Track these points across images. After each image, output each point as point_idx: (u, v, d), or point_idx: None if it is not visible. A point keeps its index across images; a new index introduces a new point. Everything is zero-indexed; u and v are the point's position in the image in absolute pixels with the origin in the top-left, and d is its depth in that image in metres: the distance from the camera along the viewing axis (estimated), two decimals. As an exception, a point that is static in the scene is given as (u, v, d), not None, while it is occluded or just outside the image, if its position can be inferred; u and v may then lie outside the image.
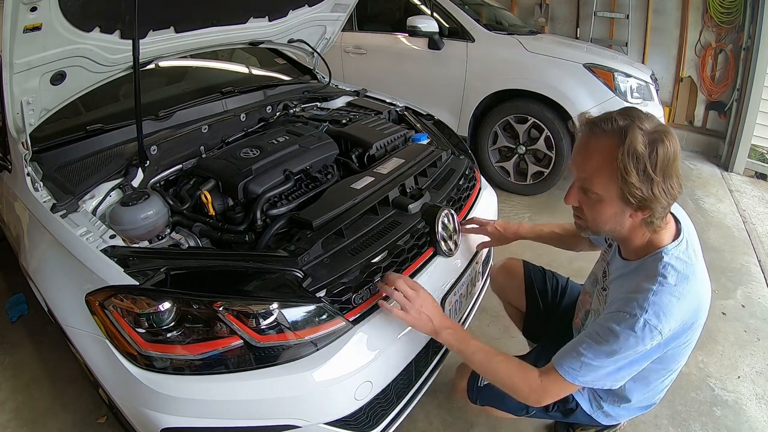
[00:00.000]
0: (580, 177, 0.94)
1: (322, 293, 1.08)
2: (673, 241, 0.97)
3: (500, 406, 1.26)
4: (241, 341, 1.01)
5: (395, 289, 1.08)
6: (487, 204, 1.71)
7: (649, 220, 0.92)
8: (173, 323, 1.01)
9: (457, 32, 3.19)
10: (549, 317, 1.44)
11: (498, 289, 1.60)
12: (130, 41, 1.33)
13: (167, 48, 1.66)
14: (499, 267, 1.56)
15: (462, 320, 1.53)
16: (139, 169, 1.41)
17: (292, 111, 2.01)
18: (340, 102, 2.22)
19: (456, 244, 1.39)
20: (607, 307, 1.01)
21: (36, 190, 1.28)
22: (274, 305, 1.02)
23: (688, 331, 0.97)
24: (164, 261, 1.09)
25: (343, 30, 2.40)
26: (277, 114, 1.95)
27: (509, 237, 1.46)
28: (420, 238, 1.31)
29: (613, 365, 0.95)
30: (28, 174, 1.30)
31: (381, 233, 1.25)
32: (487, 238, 1.50)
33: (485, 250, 1.63)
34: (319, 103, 2.18)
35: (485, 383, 1.25)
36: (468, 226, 1.49)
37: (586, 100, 2.82)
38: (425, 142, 1.78)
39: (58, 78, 1.33)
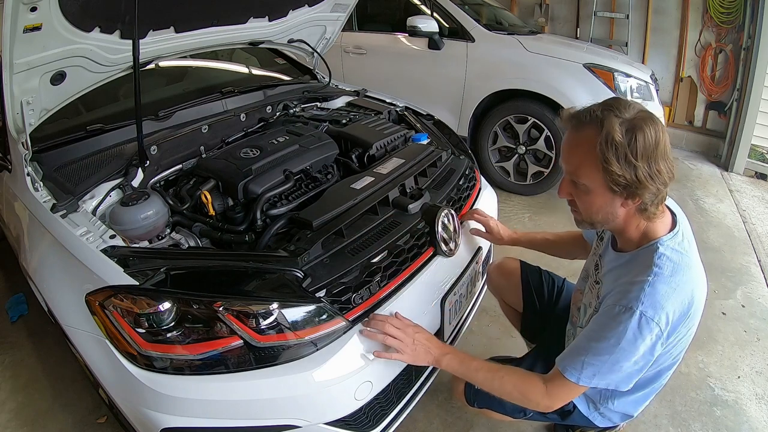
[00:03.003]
0: (567, 170, 0.96)
1: (322, 293, 1.08)
2: (669, 232, 0.97)
3: (498, 409, 1.25)
4: (241, 341, 1.01)
5: (385, 333, 1.07)
6: (487, 204, 1.71)
7: (642, 208, 0.92)
8: (173, 323, 1.01)
9: (457, 32, 3.19)
10: (546, 317, 1.44)
11: (494, 288, 1.59)
12: (130, 41, 1.33)
13: (167, 48, 1.66)
14: (495, 266, 1.56)
15: (462, 320, 1.53)
16: (139, 169, 1.41)
17: (292, 111, 2.01)
18: (340, 102, 2.22)
19: (456, 244, 1.39)
20: (601, 300, 1.01)
21: (36, 190, 1.28)
22: (274, 305, 1.02)
23: (684, 323, 0.95)
24: (164, 261, 1.09)
25: (343, 30, 2.40)
26: (277, 114, 1.95)
27: (505, 239, 1.48)
28: (420, 238, 1.31)
29: (617, 363, 0.93)
30: (28, 174, 1.30)
31: (381, 233, 1.25)
32: (482, 228, 1.50)
33: (485, 251, 1.63)
34: (319, 103, 2.18)
35: None
36: (472, 224, 1.50)
37: (586, 100, 2.79)
38: (425, 142, 1.78)
39: (58, 78, 1.33)
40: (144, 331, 1.01)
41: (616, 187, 0.88)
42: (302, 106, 2.09)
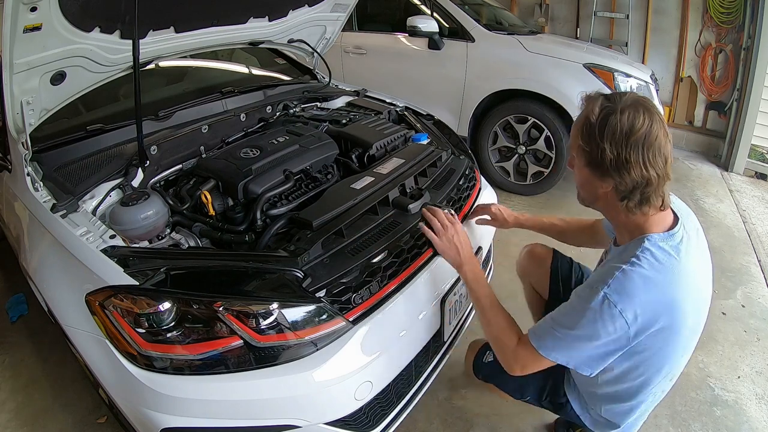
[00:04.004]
0: (568, 145, 1.02)
1: (322, 293, 1.08)
2: (665, 232, 0.96)
3: (499, 385, 1.31)
4: (241, 341, 1.01)
5: (435, 216, 1.19)
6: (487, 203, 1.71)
7: (621, 197, 0.93)
8: (173, 323, 1.01)
9: (457, 32, 3.19)
10: None
11: (522, 272, 1.59)
12: (130, 41, 1.33)
13: (167, 48, 1.66)
14: (527, 251, 1.57)
15: (462, 320, 1.53)
16: (139, 169, 1.41)
17: (292, 111, 2.01)
18: (340, 102, 2.22)
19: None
20: None
21: (36, 190, 1.28)
22: (274, 305, 1.02)
23: (658, 330, 0.92)
24: (164, 261, 1.09)
25: (343, 30, 2.40)
26: (277, 114, 1.95)
27: (510, 222, 1.47)
28: (420, 238, 1.31)
29: (579, 343, 0.93)
30: (28, 174, 1.30)
31: (381, 233, 1.25)
32: (487, 217, 1.51)
33: (485, 251, 1.63)
34: (319, 103, 2.18)
35: (489, 360, 1.33)
36: (476, 218, 1.51)
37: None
38: (425, 142, 1.78)
39: (58, 78, 1.33)
40: (144, 331, 1.01)
41: (588, 164, 0.94)
42: (302, 106, 2.09)
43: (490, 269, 1.81)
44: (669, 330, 0.93)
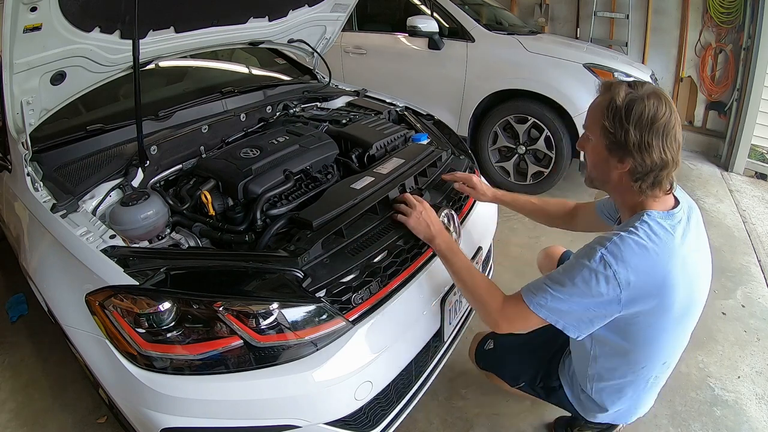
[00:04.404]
0: (584, 125, 1.07)
1: (322, 293, 1.08)
2: (665, 212, 1.00)
3: (498, 371, 1.41)
4: (241, 341, 1.01)
5: (404, 201, 1.26)
6: (486, 204, 1.71)
7: (634, 178, 0.98)
8: (173, 323, 1.01)
9: (457, 32, 3.19)
10: None
11: (540, 269, 1.64)
12: (130, 41, 1.33)
13: (167, 48, 1.66)
14: (543, 251, 1.65)
15: (462, 320, 1.53)
16: (139, 169, 1.41)
17: (292, 111, 2.01)
18: (340, 102, 2.22)
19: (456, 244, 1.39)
20: None
21: (36, 190, 1.28)
22: (274, 305, 1.02)
23: (648, 301, 0.96)
24: (164, 261, 1.09)
25: (343, 30, 2.40)
26: (277, 114, 1.95)
27: (489, 195, 1.50)
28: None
29: (570, 301, 0.97)
30: (28, 174, 1.30)
31: (381, 233, 1.25)
32: (466, 186, 1.51)
33: (485, 251, 1.63)
34: (319, 103, 2.18)
35: (490, 348, 1.43)
36: (456, 183, 1.51)
37: (586, 100, 2.81)
38: (425, 142, 1.78)
39: (58, 78, 1.33)
40: (144, 331, 1.01)
41: (610, 144, 0.98)
42: (302, 106, 2.09)
43: (490, 269, 1.81)
44: (660, 306, 0.97)
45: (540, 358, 1.34)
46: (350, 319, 1.10)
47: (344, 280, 1.12)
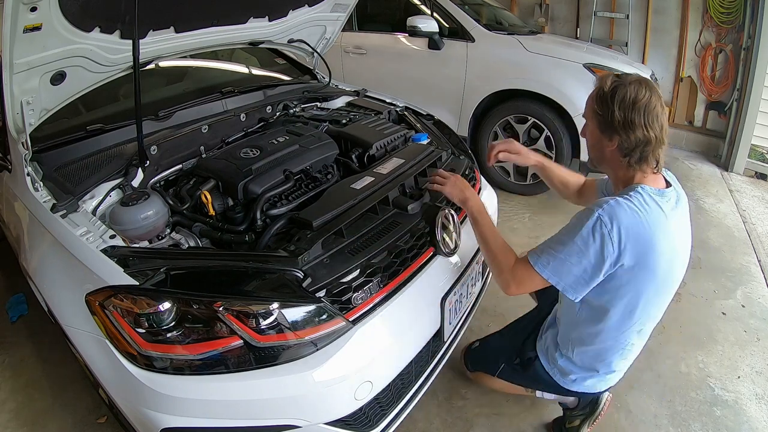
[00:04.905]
0: (583, 115, 1.20)
1: (322, 293, 1.08)
2: (657, 189, 1.09)
3: (482, 365, 1.53)
4: (241, 341, 1.01)
5: (437, 174, 1.40)
6: (487, 204, 1.70)
7: (624, 153, 1.09)
8: (173, 323, 1.01)
9: (457, 32, 3.19)
10: None
11: None
12: (130, 41, 1.33)
13: (167, 48, 1.66)
14: None
15: (462, 320, 1.53)
16: (139, 169, 1.41)
17: (292, 111, 2.01)
18: (340, 102, 2.22)
19: (456, 244, 1.39)
20: None
21: (36, 190, 1.28)
22: (274, 305, 1.03)
23: (635, 261, 1.04)
24: (164, 261, 1.09)
25: (343, 30, 2.40)
26: (277, 114, 1.95)
27: (532, 159, 1.64)
28: (420, 238, 1.31)
29: (570, 257, 1.06)
30: (28, 174, 1.30)
31: (381, 233, 1.25)
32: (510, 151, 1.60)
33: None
34: (319, 103, 2.18)
35: (476, 346, 1.59)
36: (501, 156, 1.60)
37: (585, 100, 2.81)
38: (425, 142, 1.78)
39: (58, 78, 1.33)
40: (144, 331, 1.01)
41: (600, 125, 1.12)
42: (302, 106, 2.09)
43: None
44: (644, 267, 1.05)
45: (516, 338, 1.49)
46: (350, 319, 1.10)
47: (344, 280, 1.12)
